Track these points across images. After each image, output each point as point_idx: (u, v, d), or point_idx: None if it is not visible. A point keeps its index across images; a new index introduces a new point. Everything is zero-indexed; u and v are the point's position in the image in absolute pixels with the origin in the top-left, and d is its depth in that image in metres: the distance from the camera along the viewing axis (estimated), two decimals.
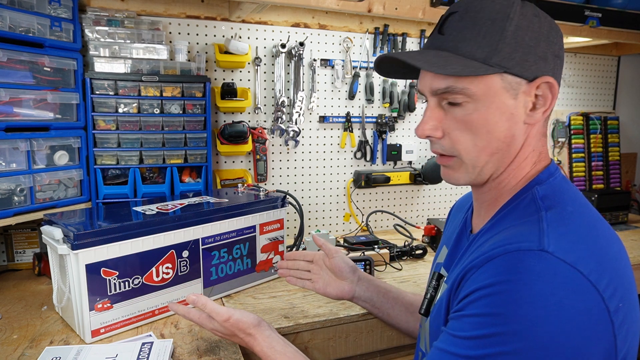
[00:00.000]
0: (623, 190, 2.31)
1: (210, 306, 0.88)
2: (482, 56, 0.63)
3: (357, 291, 1.04)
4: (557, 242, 0.56)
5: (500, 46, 0.62)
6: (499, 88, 0.63)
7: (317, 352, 1.11)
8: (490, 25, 0.63)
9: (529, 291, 0.53)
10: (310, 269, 1.10)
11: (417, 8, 1.49)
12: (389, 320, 1.05)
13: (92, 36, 1.36)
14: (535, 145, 0.70)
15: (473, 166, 0.68)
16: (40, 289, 1.26)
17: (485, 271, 0.58)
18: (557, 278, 0.53)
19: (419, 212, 2.03)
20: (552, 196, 0.65)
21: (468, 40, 0.64)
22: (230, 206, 1.20)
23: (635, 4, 1.77)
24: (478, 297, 0.57)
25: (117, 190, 1.39)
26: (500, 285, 0.55)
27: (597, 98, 2.39)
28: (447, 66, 0.62)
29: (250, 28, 1.64)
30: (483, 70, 0.62)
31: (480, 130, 0.65)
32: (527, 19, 0.63)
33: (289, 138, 1.73)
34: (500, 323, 0.53)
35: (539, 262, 0.54)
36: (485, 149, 0.66)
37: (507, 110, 0.64)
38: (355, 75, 1.79)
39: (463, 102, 0.65)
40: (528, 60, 0.63)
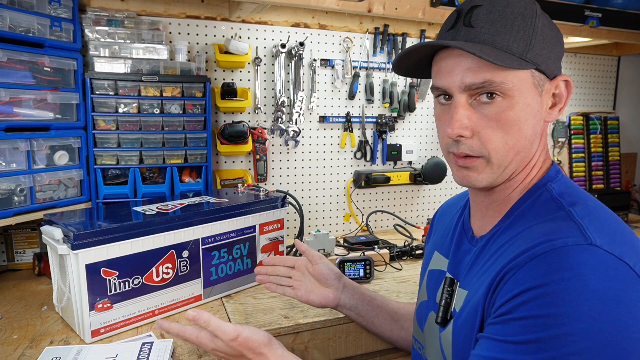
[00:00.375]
0: (623, 190, 2.31)
1: (215, 324, 0.74)
2: (519, 51, 0.61)
3: (342, 299, 1.01)
4: (600, 235, 0.55)
5: (533, 42, 0.62)
6: (530, 84, 0.63)
7: (317, 352, 1.11)
8: (521, 20, 0.62)
9: (585, 287, 0.51)
10: (291, 275, 1.05)
11: (417, 8, 1.49)
12: (373, 328, 1.03)
13: (92, 36, 1.36)
14: (544, 145, 0.70)
15: (499, 166, 0.65)
16: (40, 289, 1.26)
17: (530, 269, 0.55)
18: (609, 271, 0.52)
19: (419, 212, 2.03)
20: (568, 193, 0.65)
21: (502, 33, 0.61)
22: (230, 206, 1.20)
23: (635, 4, 1.77)
24: (530, 298, 0.54)
25: (117, 190, 1.39)
26: (554, 284, 0.52)
27: (597, 98, 2.39)
28: (498, 57, 0.59)
29: (250, 28, 1.64)
30: (522, 64, 0.61)
31: (512, 128, 0.63)
32: (546, 18, 0.65)
33: (289, 138, 1.73)
34: (562, 323, 0.51)
35: (590, 257, 0.53)
36: (514, 147, 0.64)
37: (535, 107, 0.64)
38: (355, 75, 1.79)
39: (496, 98, 0.62)
40: (551, 58, 0.64)
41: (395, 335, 1.01)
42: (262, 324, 1.06)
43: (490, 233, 0.70)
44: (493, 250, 0.67)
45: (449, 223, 0.85)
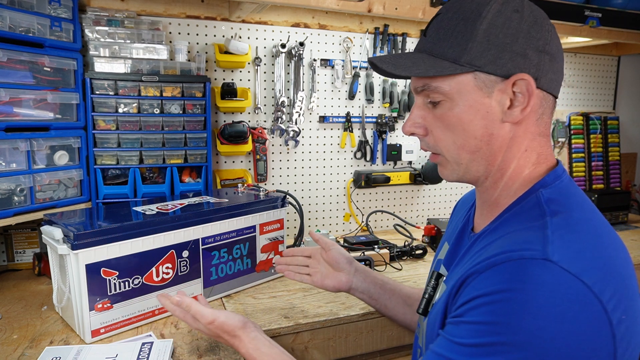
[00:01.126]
0: (623, 190, 2.31)
1: (195, 308, 0.87)
2: (453, 56, 0.64)
3: (354, 282, 1.05)
4: (562, 250, 0.55)
5: (470, 45, 0.63)
6: (471, 86, 0.64)
7: (317, 352, 1.11)
8: (462, 25, 0.64)
9: (531, 301, 0.52)
10: (308, 263, 1.12)
11: (417, 8, 1.49)
12: (387, 312, 1.05)
13: (92, 36, 1.36)
14: (530, 146, 0.67)
15: (457, 163, 0.69)
16: (40, 289, 1.26)
17: (487, 278, 0.57)
18: (560, 288, 0.52)
19: (419, 212, 2.03)
20: (558, 200, 0.64)
21: (442, 41, 0.65)
22: (230, 206, 1.20)
23: (635, 4, 1.77)
24: (479, 304, 0.56)
25: (117, 190, 1.39)
26: (503, 293, 0.54)
27: (597, 98, 2.39)
28: (413, 67, 0.66)
29: (250, 28, 1.64)
30: (451, 69, 0.63)
31: (456, 129, 0.66)
32: (503, 15, 0.63)
33: (289, 138, 1.73)
34: (501, 332, 0.53)
35: (542, 272, 0.53)
36: (464, 147, 0.67)
37: (481, 108, 0.64)
38: (355, 75, 1.79)
39: (440, 100, 0.66)
40: (502, 58, 0.62)
41: (409, 319, 1.02)
42: (262, 324, 1.06)
43: (481, 231, 0.71)
44: (476, 249, 0.68)
45: (460, 216, 0.87)
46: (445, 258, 0.80)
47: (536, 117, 0.66)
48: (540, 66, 0.64)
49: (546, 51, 0.64)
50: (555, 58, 0.65)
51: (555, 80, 0.66)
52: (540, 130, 0.68)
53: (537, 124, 0.67)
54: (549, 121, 0.69)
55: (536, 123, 0.67)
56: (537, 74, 0.63)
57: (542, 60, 0.64)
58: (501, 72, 0.63)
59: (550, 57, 0.64)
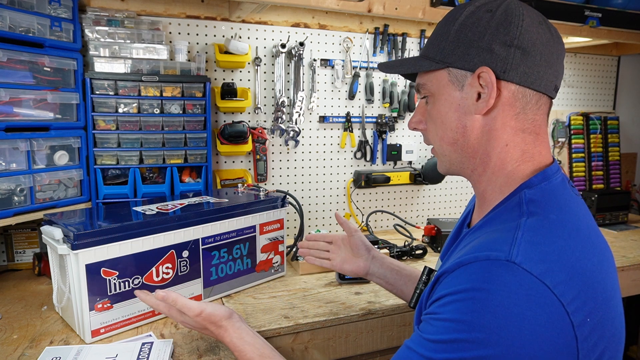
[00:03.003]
0: (623, 190, 2.31)
1: (181, 302, 0.88)
2: (432, 55, 0.72)
3: (371, 268, 1.10)
4: (527, 252, 0.56)
5: (443, 45, 0.70)
6: (446, 82, 0.70)
7: (317, 352, 1.11)
8: (441, 28, 0.72)
9: (492, 301, 0.54)
10: (328, 249, 1.18)
11: (417, 8, 1.49)
12: (403, 296, 1.08)
13: (92, 36, 1.36)
14: (511, 141, 0.68)
15: (442, 154, 0.75)
16: (40, 289, 1.26)
17: (456, 276, 0.60)
18: (521, 289, 0.54)
19: (419, 212, 2.03)
20: (538, 201, 0.64)
21: (429, 44, 0.74)
22: (230, 206, 1.20)
23: (635, 4, 1.77)
24: (447, 302, 0.59)
25: (117, 190, 1.39)
26: (468, 292, 0.56)
27: (597, 98, 2.39)
28: (401, 67, 0.77)
29: (250, 28, 1.64)
30: (427, 66, 0.72)
31: (437, 121, 0.73)
32: (475, 16, 0.68)
33: (289, 138, 1.73)
34: (465, 330, 0.55)
35: (505, 273, 0.55)
36: (444, 138, 0.73)
37: (454, 101, 0.70)
38: (355, 75, 1.79)
39: (428, 96, 0.74)
40: (470, 54, 0.67)
41: None
42: (262, 323, 1.06)
43: (472, 228, 0.74)
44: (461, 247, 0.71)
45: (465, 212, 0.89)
46: (442, 252, 0.84)
47: (514, 111, 0.67)
48: (508, 60, 0.65)
49: (515, 45, 0.64)
50: (530, 52, 0.65)
51: (532, 75, 0.65)
52: (524, 126, 0.68)
53: (516, 119, 0.67)
54: (537, 118, 0.68)
55: (515, 118, 0.67)
56: (504, 67, 0.65)
57: (510, 54, 0.65)
58: (468, 66, 0.68)
59: (523, 51, 0.65)
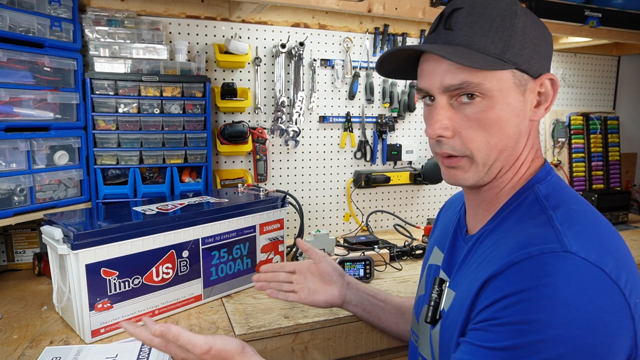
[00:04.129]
0: (623, 190, 2.31)
1: (185, 338, 0.72)
2: (497, 52, 0.62)
3: (347, 295, 1.01)
4: (576, 241, 0.56)
5: (512, 42, 0.62)
6: (510, 84, 0.63)
7: (317, 352, 1.11)
8: (500, 21, 0.62)
9: (560, 294, 0.52)
10: (292, 279, 1.03)
11: (417, 8, 1.49)
12: (379, 324, 1.03)
13: (92, 36, 1.36)
14: (534, 143, 0.70)
15: (484, 164, 0.66)
16: (40, 289, 1.26)
17: (509, 276, 0.57)
18: (584, 278, 0.53)
19: (419, 212, 2.03)
20: (554, 195, 0.65)
21: (480, 35, 0.63)
22: (230, 206, 1.20)
23: (635, 4, 1.77)
24: (508, 305, 0.55)
25: (117, 190, 1.39)
26: (530, 291, 0.54)
27: (597, 98, 2.39)
28: (470, 59, 0.61)
29: (250, 28, 1.63)
30: (500, 65, 0.62)
31: (493, 128, 0.64)
32: (529, 17, 0.65)
33: (289, 138, 1.73)
34: (538, 330, 0.52)
35: (565, 264, 0.54)
36: (497, 146, 0.65)
37: (517, 106, 0.64)
38: (355, 75, 1.79)
39: (476, 98, 0.63)
40: (534, 57, 0.64)
41: (402, 328, 1.01)
42: (262, 324, 1.06)
43: (479, 233, 0.71)
44: (480, 252, 0.68)
45: (449, 219, 0.86)
46: (444, 263, 0.78)
47: None
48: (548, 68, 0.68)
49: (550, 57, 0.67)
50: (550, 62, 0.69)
51: None
52: (538, 127, 0.71)
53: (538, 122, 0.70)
54: None
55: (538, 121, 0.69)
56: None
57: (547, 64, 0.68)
58: (532, 71, 0.64)
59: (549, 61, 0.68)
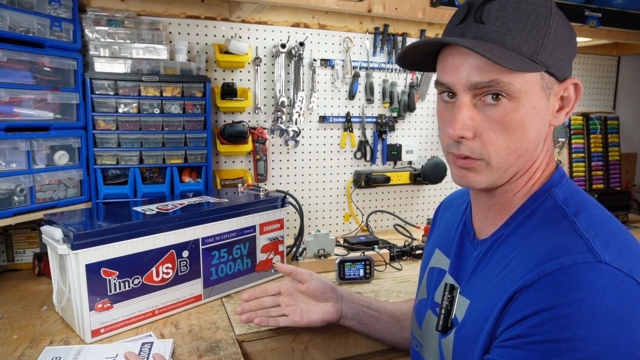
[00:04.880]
0: (623, 190, 2.31)
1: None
2: (530, 52, 0.58)
3: (343, 309, 0.97)
4: (607, 251, 0.54)
5: (545, 43, 0.59)
6: (538, 87, 0.60)
7: (317, 352, 1.11)
8: (535, 19, 0.58)
9: (598, 308, 0.50)
10: (279, 302, 0.98)
11: (417, 8, 1.49)
12: (375, 334, 1.01)
13: (92, 36, 1.36)
14: (549, 147, 0.68)
15: (498, 168, 0.63)
16: (40, 289, 1.26)
17: (541, 290, 0.53)
18: (620, 290, 0.51)
19: (419, 212, 2.03)
20: (572, 199, 0.63)
21: (514, 32, 0.58)
22: (230, 206, 1.20)
23: (635, 4, 1.77)
24: (544, 320, 0.52)
25: (117, 190, 1.39)
26: (567, 306, 0.51)
27: (597, 98, 2.39)
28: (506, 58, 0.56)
29: (250, 28, 1.63)
30: (533, 67, 0.58)
31: (516, 131, 0.60)
32: (561, 16, 0.61)
33: (289, 138, 1.73)
34: (580, 347, 0.49)
35: (600, 275, 0.52)
36: (517, 150, 0.62)
37: (541, 110, 0.61)
38: (355, 75, 1.79)
39: (502, 100, 0.60)
40: (562, 60, 0.61)
41: (397, 336, 1.00)
42: None
43: (492, 238, 0.69)
44: (498, 259, 0.65)
45: (451, 220, 0.83)
46: (451, 268, 0.75)
47: None
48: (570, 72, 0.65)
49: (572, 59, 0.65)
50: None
51: None
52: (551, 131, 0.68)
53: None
54: None
55: None
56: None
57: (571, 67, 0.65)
58: (559, 74, 0.61)
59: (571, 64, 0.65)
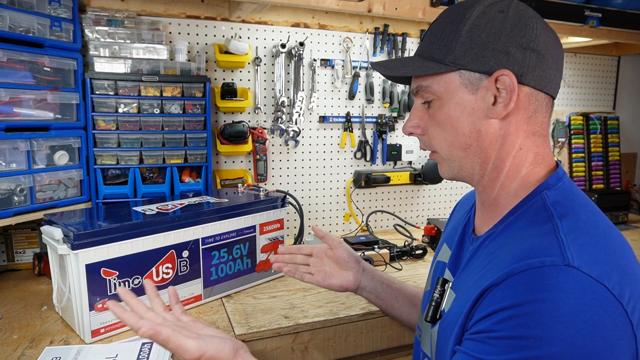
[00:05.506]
0: (623, 190, 2.31)
1: (174, 343, 0.68)
2: (439, 56, 0.67)
3: (362, 281, 1.02)
4: (580, 255, 0.55)
5: (454, 45, 0.66)
6: (457, 84, 0.67)
7: (317, 352, 1.11)
8: (449, 27, 0.67)
9: (559, 310, 0.51)
10: (309, 262, 1.06)
11: (417, 8, 1.49)
12: (392, 312, 1.04)
13: (92, 36, 1.36)
14: (524, 144, 0.67)
15: (450, 160, 0.71)
16: (40, 289, 1.26)
17: (508, 288, 0.56)
18: (585, 294, 0.52)
19: (419, 212, 2.03)
20: (563, 202, 0.63)
21: (432, 43, 0.69)
22: (230, 206, 1.20)
23: (635, 4, 1.77)
24: (506, 318, 0.55)
25: (117, 190, 1.39)
26: (529, 305, 0.53)
27: (597, 98, 2.39)
28: (402, 69, 0.70)
29: (250, 28, 1.64)
30: (436, 69, 0.67)
31: (446, 126, 0.69)
32: (487, 16, 0.65)
33: (289, 138, 1.73)
34: (534, 346, 0.52)
35: (566, 279, 0.53)
36: (454, 143, 0.69)
37: (467, 105, 0.67)
38: (355, 75, 1.79)
39: (432, 99, 0.70)
40: (485, 56, 0.64)
41: (414, 319, 1.02)
42: (262, 323, 1.06)
43: (485, 235, 0.71)
44: (484, 255, 0.68)
45: (460, 216, 0.86)
46: (450, 262, 0.79)
47: (527, 114, 0.66)
48: (525, 63, 0.64)
49: (531, 48, 0.64)
50: (544, 56, 0.65)
51: (545, 78, 0.65)
52: (535, 129, 0.67)
53: (529, 122, 0.67)
54: (545, 121, 0.68)
55: (528, 121, 0.67)
56: (521, 70, 0.64)
57: (527, 57, 0.64)
58: (484, 69, 0.65)
59: (538, 54, 0.64)
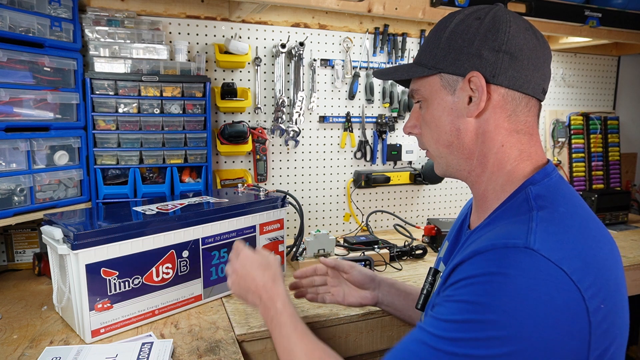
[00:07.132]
0: (623, 190, 2.31)
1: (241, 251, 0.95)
2: (425, 62, 0.75)
3: (379, 297, 1.07)
4: (544, 240, 0.58)
5: (435, 51, 0.73)
6: (439, 87, 0.74)
7: None
8: (434, 35, 0.75)
9: (511, 285, 0.56)
10: (326, 281, 1.11)
11: (417, 8, 1.49)
12: (411, 321, 1.07)
13: (92, 36, 1.36)
14: (506, 141, 0.71)
15: (439, 157, 0.78)
16: (40, 289, 1.26)
17: (472, 263, 0.61)
18: (539, 274, 0.56)
19: (419, 212, 2.03)
20: (545, 196, 0.67)
21: (422, 51, 0.77)
22: (230, 206, 1.20)
23: (635, 4, 1.77)
24: (464, 285, 0.60)
25: (117, 190, 1.39)
26: (485, 276, 0.58)
27: (597, 98, 2.39)
28: (394, 74, 0.80)
29: (250, 28, 1.63)
30: (421, 72, 0.75)
31: (431, 125, 0.76)
32: (464, 23, 0.71)
33: (289, 138, 1.73)
34: (480, 311, 0.56)
35: (524, 258, 0.57)
36: (439, 141, 0.76)
37: (447, 105, 0.73)
38: (355, 75, 1.79)
39: (422, 101, 0.77)
40: (460, 59, 0.70)
41: None
42: (262, 323, 1.06)
43: (475, 228, 0.75)
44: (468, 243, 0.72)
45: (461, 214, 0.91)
46: (445, 256, 0.85)
47: (506, 113, 0.70)
48: (497, 64, 0.68)
49: (504, 50, 0.68)
50: (517, 57, 0.68)
51: (520, 79, 0.69)
52: (518, 127, 0.71)
53: (509, 121, 0.71)
54: (529, 120, 0.72)
55: (508, 119, 0.71)
56: (493, 71, 0.68)
57: (499, 59, 0.68)
58: (459, 71, 0.71)
59: (510, 56, 0.68)
